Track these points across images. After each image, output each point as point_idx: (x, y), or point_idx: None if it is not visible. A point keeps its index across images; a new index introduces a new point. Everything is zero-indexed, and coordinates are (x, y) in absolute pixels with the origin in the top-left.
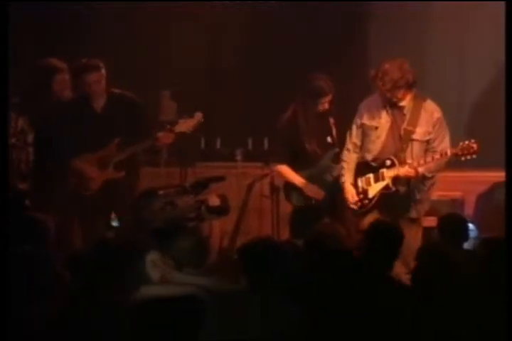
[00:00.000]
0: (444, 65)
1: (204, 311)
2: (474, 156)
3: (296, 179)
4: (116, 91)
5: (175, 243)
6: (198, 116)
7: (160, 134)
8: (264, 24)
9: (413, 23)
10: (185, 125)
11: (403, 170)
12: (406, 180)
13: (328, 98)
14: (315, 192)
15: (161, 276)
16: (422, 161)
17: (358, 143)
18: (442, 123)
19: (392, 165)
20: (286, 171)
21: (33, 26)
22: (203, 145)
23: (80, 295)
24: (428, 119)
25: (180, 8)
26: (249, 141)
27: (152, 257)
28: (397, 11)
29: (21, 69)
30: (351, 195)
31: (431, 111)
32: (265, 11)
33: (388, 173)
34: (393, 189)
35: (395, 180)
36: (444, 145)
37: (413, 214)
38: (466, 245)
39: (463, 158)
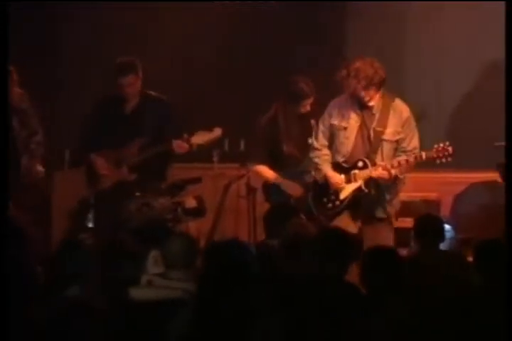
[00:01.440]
0: (421, 65)
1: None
2: (449, 159)
3: (275, 177)
4: (150, 92)
5: (165, 244)
6: (218, 131)
7: (175, 142)
8: (241, 25)
9: (391, 24)
10: (203, 137)
11: (376, 172)
12: (377, 182)
13: (310, 100)
14: (293, 188)
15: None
16: (395, 163)
17: (326, 143)
18: (411, 123)
19: (365, 166)
20: (265, 170)
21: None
22: None
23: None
24: (397, 119)
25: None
26: (226, 142)
27: (155, 254)
28: (375, 11)
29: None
30: (336, 179)
31: (400, 110)
32: (242, 11)
33: (360, 175)
34: (366, 191)
35: (368, 181)
36: (414, 145)
37: (381, 213)
38: (442, 246)
39: (438, 161)
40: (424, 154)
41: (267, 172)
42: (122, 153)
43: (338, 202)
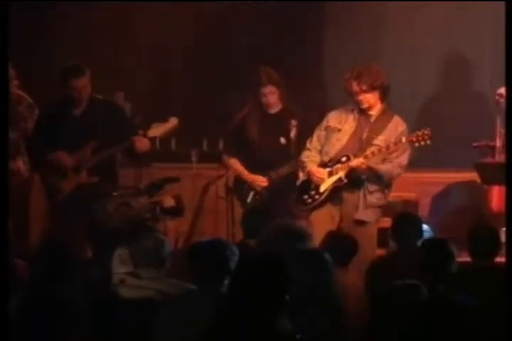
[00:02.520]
0: (397, 64)
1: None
2: (428, 142)
3: (242, 170)
4: (98, 96)
5: (136, 243)
6: (173, 121)
7: (134, 139)
8: (213, 24)
9: (368, 23)
10: (159, 129)
11: (355, 161)
12: (358, 176)
13: (270, 89)
14: (258, 180)
15: (126, 272)
16: (376, 151)
17: (318, 147)
18: (405, 136)
19: (348, 160)
20: (235, 163)
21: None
22: (158, 145)
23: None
24: (392, 131)
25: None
26: (204, 142)
27: (120, 252)
28: (352, 11)
29: None
30: (319, 174)
31: (396, 124)
32: (216, 11)
33: (342, 167)
34: (345, 181)
35: (349, 172)
36: (402, 160)
37: (360, 215)
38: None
39: (417, 145)
40: (403, 138)
41: (237, 165)
42: (77, 158)
43: (317, 196)
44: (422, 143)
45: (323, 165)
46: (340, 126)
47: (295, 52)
